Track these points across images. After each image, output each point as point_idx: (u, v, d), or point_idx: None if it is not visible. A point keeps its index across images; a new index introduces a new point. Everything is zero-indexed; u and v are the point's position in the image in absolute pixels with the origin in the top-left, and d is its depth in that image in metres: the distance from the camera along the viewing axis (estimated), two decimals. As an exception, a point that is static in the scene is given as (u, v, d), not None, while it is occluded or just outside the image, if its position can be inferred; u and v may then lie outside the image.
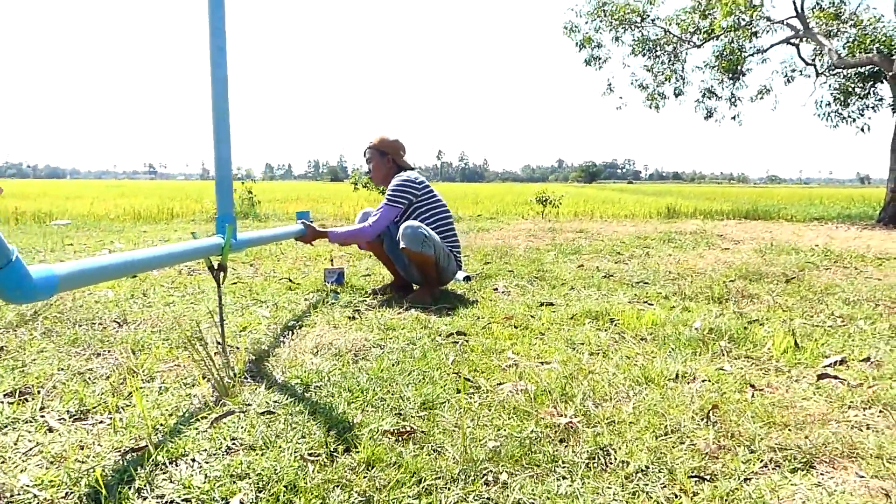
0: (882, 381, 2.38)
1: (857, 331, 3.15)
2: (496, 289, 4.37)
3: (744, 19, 13.62)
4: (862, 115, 14.00)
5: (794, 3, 13.13)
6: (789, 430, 1.93)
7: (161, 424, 1.95)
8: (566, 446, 1.81)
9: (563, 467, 1.69)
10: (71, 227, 9.33)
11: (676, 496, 1.56)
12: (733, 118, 15.95)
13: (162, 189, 34.52)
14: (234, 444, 1.80)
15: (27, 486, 1.57)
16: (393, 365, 2.53)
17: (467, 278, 4.63)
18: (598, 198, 24.25)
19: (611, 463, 1.72)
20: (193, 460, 1.70)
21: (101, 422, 1.99)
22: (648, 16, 14.93)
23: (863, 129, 13.93)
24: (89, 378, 2.39)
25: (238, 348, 2.72)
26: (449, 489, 1.57)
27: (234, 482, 1.58)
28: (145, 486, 1.57)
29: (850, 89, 13.97)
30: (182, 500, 1.52)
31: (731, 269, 5.18)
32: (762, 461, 1.73)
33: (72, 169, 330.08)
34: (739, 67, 14.81)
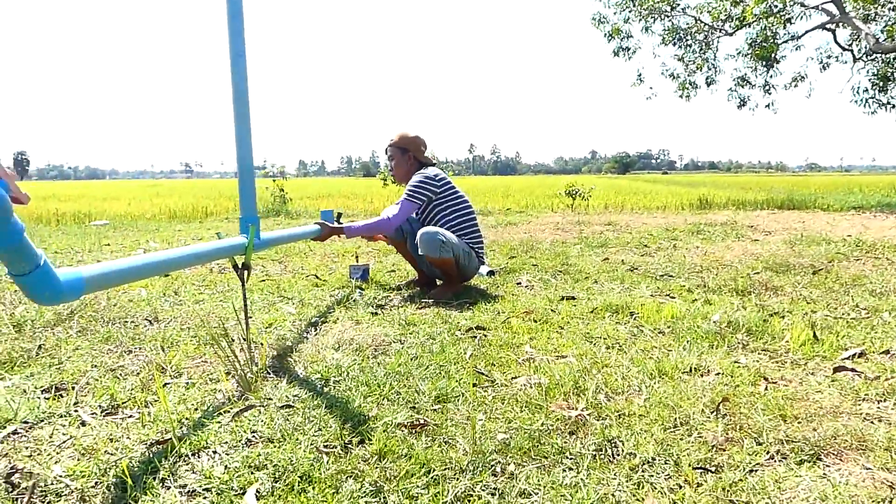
0: (900, 373, 2.38)
1: (881, 323, 3.13)
2: (519, 283, 4.40)
3: (777, 6, 13.42)
4: (901, 101, 13.73)
5: (830, -13, 12.91)
6: (799, 422, 1.94)
7: (186, 418, 2.03)
8: (575, 438, 1.86)
9: (570, 459, 1.73)
10: (109, 228, 9.57)
11: (680, 487, 1.59)
12: (767, 106, 15.75)
13: (197, 188, 35.07)
14: (253, 436, 1.88)
15: (59, 476, 1.66)
16: (411, 359, 2.58)
17: (491, 273, 4.68)
18: (630, 189, 24.06)
19: (617, 455, 1.76)
20: (215, 452, 1.78)
21: (130, 416, 2.08)
22: (679, 4, 14.78)
23: (901, 116, 13.64)
24: (120, 374, 2.49)
25: (262, 344, 2.80)
26: (457, 479, 1.62)
27: (252, 472, 1.65)
28: (169, 476, 1.65)
29: (888, 74, 13.69)
30: (203, 490, 1.59)
31: (759, 260, 5.14)
32: (769, 453, 1.75)
33: (111, 170, 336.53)
34: (773, 55, 14.59)
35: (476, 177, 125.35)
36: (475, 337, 2.97)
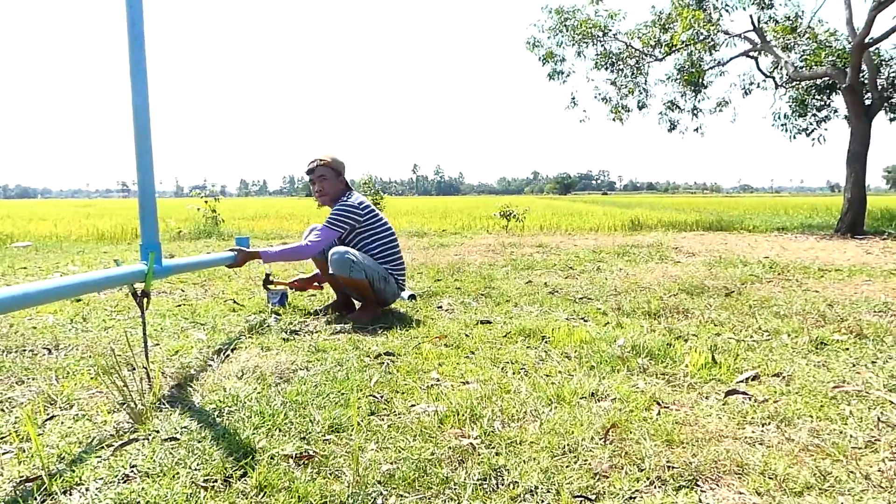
0: (788, 395, 2.45)
1: (780, 345, 3.23)
2: (440, 306, 4.41)
3: (703, 33, 13.85)
4: (818, 126, 14.29)
5: (751, 17, 13.38)
6: (683, 447, 1.98)
7: (66, 453, 1.96)
8: (462, 468, 1.85)
9: (453, 489, 1.73)
10: (31, 250, 9.24)
11: (558, 516, 1.60)
12: (696, 129, 16.17)
13: (132, 207, 34.20)
14: (132, 471, 1.82)
15: (-84, 520, 1.58)
16: (313, 388, 2.55)
17: (412, 297, 4.67)
18: (567, 210, 24.43)
19: (501, 484, 1.76)
20: (87, 489, 1.71)
21: (7, 452, 2.00)
22: (610, 30, 15.10)
23: (818, 140, 14.21)
24: (6, 407, 2.39)
25: (164, 373, 2.73)
26: (336, 514, 1.60)
27: (123, 511, 1.60)
28: (35, 517, 1.59)
29: (806, 101, 14.25)
30: (68, 531, 1.53)
31: (676, 283, 5.26)
32: (649, 479, 1.78)
33: (43, 188, 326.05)
34: (700, 80, 15.04)
35: (419, 197, 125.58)
36: (383, 363, 2.95)
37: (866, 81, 11.87)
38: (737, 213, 20.62)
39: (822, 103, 14.00)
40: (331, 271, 3.94)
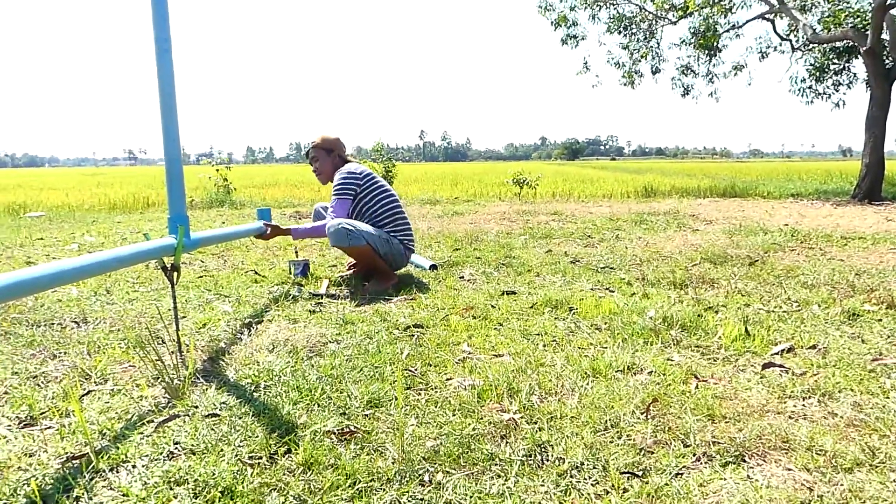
0: (826, 369, 2.43)
1: (811, 316, 3.20)
2: (462, 276, 4.39)
3: (718, -5, 13.62)
4: (837, 91, 14.09)
5: (768, -23, 13.14)
6: (727, 422, 1.97)
7: (108, 429, 1.96)
8: (506, 443, 1.84)
9: (499, 465, 1.72)
10: (45, 220, 9.25)
11: (607, 493, 1.59)
12: (710, 94, 16.01)
13: (140, 176, 34.27)
14: (176, 448, 1.82)
15: (-34, 497, 1.58)
16: (345, 361, 2.54)
17: (433, 267, 4.66)
18: (577, 176, 24.29)
19: (547, 460, 1.75)
20: (134, 467, 1.71)
21: (49, 427, 2.00)
22: (624, -7, 14.89)
23: (837, 105, 14.03)
24: (42, 382, 2.39)
25: (194, 347, 2.72)
26: (384, 490, 1.60)
27: (172, 488, 1.59)
28: (84, 494, 1.58)
29: (824, 65, 14.03)
30: (119, 509, 1.53)
31: (698, 251, 5.23)
32: (696, 455, 1.77)
33: (51, 157, 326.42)
34: (715, 44, 14.82)
35: (427, 163, 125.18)
36: (413, 335, 2.94)
37: (887, 44, 11.66)
38: (750, 178, 20.44)
39: (841, 67, 13.77)
40: (332, 245, 4.00)
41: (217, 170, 12.27)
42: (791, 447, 1.80)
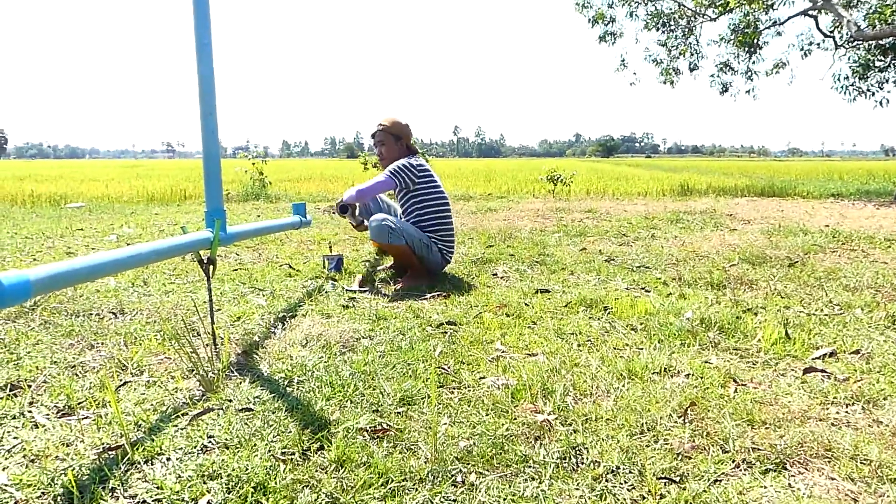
0: (870, 374, 2.36)
1: (853, 320, 3.12)
2: (495, 274, 4.37)
3: (760, -9, 13.35)
4: (881, 89, 13.75)
5: (812, -26, 12.86)
6: (767, 428, 1.92)
7: (143, 421, 1.98)
8: (540, 445, 1.82)
9: (533, 468, 1.69)
10: (85, 210, 9.42)
11: (643, 498, 1.56)
12: (748, 92, 15.72)
13: (178, 168, 34.71)
14: (210, 442, 1.82)
15: (5, 485, 1.60)
16: (378, 357, 2.54)
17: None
18: (612, 174, 24.05)
19: (582, 463, 1.73)
20: (168, 459, 1.72)
21: (86, 417, 2.02)
22: (663, -11, 14.69)
23: (881, 103, 13.69)
24: (80, 372, 2.42)
25: (228, 340, 2.74)
26: (416, 490, 1.59)
27: (205, 482, 1.60)
28: (119, 485, 1.60)
29: (869, 62, 13.70)
30: (153, 501, 1.54)
31: (735, 252, 5.13)
32: (735, 462, 1.73)
33: (91, 148, 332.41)
34: (755, 41, 14.54)
35: (460, 159, 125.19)
36: (446, 333, 2.93)
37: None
38: (788, 177, 20.09)
39: (887, 64, 13.43)
40: (371, 237, 3.99)
41: (253, 163, 12.37)
42: (834, 455, 1.75)
